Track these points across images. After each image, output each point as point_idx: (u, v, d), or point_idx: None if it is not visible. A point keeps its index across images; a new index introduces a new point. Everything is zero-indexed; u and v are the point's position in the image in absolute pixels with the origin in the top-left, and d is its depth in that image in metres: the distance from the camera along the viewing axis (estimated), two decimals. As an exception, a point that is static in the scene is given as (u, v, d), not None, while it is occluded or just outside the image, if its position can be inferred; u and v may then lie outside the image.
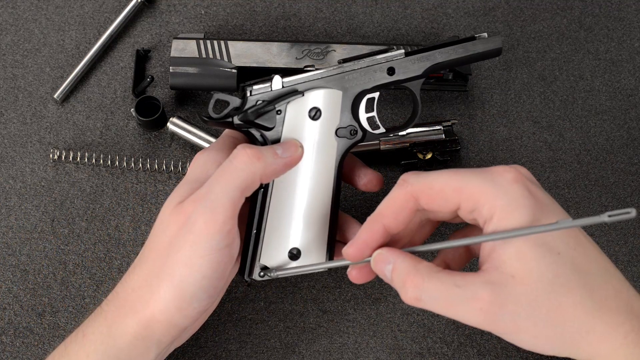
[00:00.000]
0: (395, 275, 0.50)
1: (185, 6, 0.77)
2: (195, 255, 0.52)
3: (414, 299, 0.48)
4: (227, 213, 0.52)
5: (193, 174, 0.57)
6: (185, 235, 0.52)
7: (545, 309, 0.47)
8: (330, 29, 0.77)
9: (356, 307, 0.67)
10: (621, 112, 0.75)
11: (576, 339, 0.48)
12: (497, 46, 0.60)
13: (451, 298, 0.47)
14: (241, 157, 0.53)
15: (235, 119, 0.56)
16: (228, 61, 0.70)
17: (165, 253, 0.53)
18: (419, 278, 0.48)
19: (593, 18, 0.78)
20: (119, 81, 0.74)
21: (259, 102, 0.56)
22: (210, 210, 0.52)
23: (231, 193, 0.52)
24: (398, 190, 0.51)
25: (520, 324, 0.47)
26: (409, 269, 0.49)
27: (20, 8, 0.77)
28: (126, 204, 0.70)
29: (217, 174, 0.54)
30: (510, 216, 0.47)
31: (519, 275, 0.47)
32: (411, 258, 0.50)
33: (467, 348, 0.66)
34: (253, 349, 0.66)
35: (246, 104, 0.56)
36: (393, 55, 0.58)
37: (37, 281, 0.68)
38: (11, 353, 0.65)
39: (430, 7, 0.78)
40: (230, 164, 0.54)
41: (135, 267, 0.56)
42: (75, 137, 0.72)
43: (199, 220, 0.52)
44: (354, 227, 0.61)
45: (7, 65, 0.75)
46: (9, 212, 0.70)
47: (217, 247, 0.52)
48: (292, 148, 0.56)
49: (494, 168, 0.50)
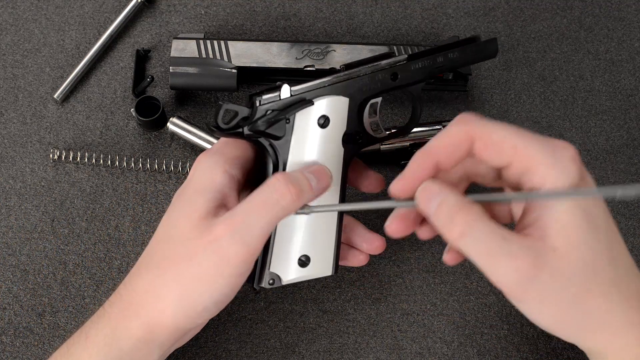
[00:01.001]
0: (443, 208, 0.48)
1: (185, 6, 0.77)
2: (218, 276, 0.52)
3: (460, 233, 0.47)
4: (259, 245, 0.52)
5: (200, 181, 0.56)
6: (210, 255, 0.52)
7: (574, 290, 0.47)
8: (330, 29, 0.77)
9: (356, 307, 0.67)
10: (621, 112, 0.75)
11: (593, 328, 0.48)
12: (493, 48, 0.60)
13: (494, 247, 0.47)
14: (284, 193, 0.52)
15: (245, 129, 0.55)
16: (228, 61, 0.70)
17: (179, 263, 0.53)
18: (471, 215, 0.47)
19: (593, 18, 0.78)
20: (119, 81, 0.74)
21: (268, 112, 0.55)
22: (244, 242, 0.51)
23: (267, 227, 0.52)
24: (457, 127, 0.50)
25: (546, 297, 0.47)
26: (461, 204, 0.48)
27: (20, 8, 0.77)
28: (126, 204, 0.70)
29: (255, 204, 0.52)
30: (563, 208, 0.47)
31: (560, 250, 0.46)
32: (463, 195, 0.49)
33: (467, 348, 0.66)
34: (253, 349, 0.66)
35: (256, 114, 0.55)
36: (396, 60, 0.58)
37: (37, 281, 0.68)
38: (11, 353, 0.65)
39: (430, 7, 0.78)
40: (270, 196, 0.52)
41: (140, 269, 0.55)
42: (75, 137, 0.72)
43: (230, 248, 0.51)
44: (357, 228, 0.61)
45: (7, 65, 0.75)
46: (9, 212, 0.70)
47: (241, 273, 0.52)
48: (325, 179, 0.55)
49: (555, 140, 0.49)
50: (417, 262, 0.69)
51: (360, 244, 0.62)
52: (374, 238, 0.62)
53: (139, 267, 0.56)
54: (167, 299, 0.52)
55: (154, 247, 0.55)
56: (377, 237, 0.62)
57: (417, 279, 0.68)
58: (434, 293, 0.68)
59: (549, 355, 0.66)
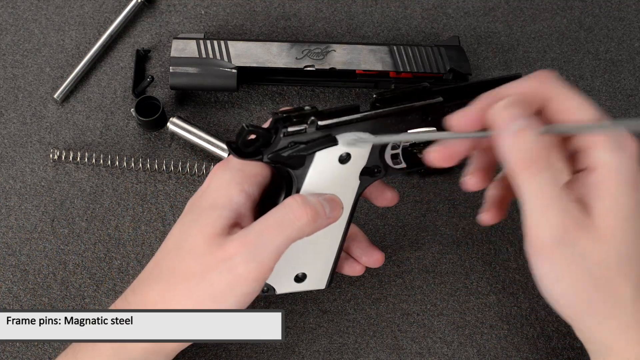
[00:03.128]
0: (526, 136, 0.46)
1: (185, 6, 0.77)
2: (230, 294, 0.51)
3: (537, 168, 0.46)
4: (271, 265, 0.52)
5: (216, 196, 0.54)
6: (223, 273, 0.51)
7: (599, 274, 0.47)
8: (330, 29, 0.77)
9: (356, 307, 0.67)
10: (621, 112, 0.75)
11: (606, 316, 0.48)
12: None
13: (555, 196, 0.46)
14: (301, 215, 0.51)
15: (265, 157, 0.53)
16: (228, 61, 0.70)
17: (190, 279, 0.52)
18: (551, 154, 0.47)
19: (593, 18, 0.78)
20: (119, 81, 0.74)
21: (291, 144, 0.53)
22: (257, 261, 0.51)
23: (281, 247, 0.51)
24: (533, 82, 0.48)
25: (573, 266, 0.46)
26: (546, 140, 0.46)
27: (20, 8, 0.77)
28: (126, 204, 0.70)
29: (270, 223, 0.52)
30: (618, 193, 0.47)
31: (602, 230, 0.46)
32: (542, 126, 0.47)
33: (467, 348, 0.66)
34: (253, 349, 0.66)
35: (278, 144, 0.52)
36: (430, 103, 0.55)
37: (37, 281, 0.68)
38: (11, 353, 0.65)
39: (430, 7, 0.78)
40: (286, 217, 0.52)
41: (151, 280, 0.55)
42: (75, 137, 0.72)
43: (243, 267, 0.51)
44: (358, 240, 0.61)
45: (7, 65, 0.75)
46: (9, 212, 0.70)
47: (253, 291, 0.52)
48: (337, 210, 0.54)
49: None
50: (417, 262, 0.69)
51: (359, 256, 0.62)
52: (374, 252, 0.61)
53: (150, 277, 0.55)
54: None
55: (164, 257, 0.55)
56: (378, 251, 0.62)
57: (417, 279, 0.68)
58: (434, 293, 0.68)
59: (549, 355, 0.66)
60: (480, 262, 0.69)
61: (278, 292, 0.58)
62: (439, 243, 0.69)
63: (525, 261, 0.68)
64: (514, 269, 0.69)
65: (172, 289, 0.52)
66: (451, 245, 0.69)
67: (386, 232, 0.70)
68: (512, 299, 0.68)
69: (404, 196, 0.71)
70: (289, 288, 0.58)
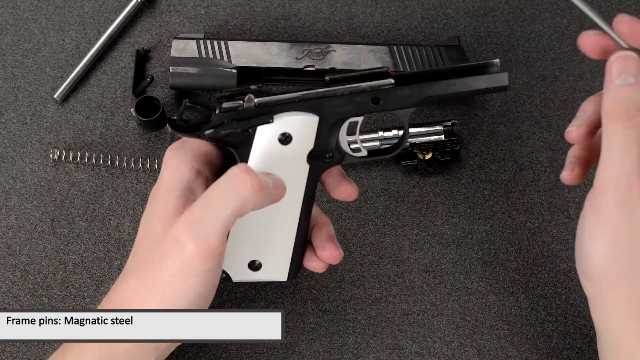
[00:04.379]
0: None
1: (185, 6, 0.77)
2: (187, 276, 0.51)
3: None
4: (220, 239, 0.50)
5: (169, 179, 0.54)
6: (174, 256, 0.50)
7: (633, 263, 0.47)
8: (330, 29, 0.77)
9: (356, 307, 0.67)
10: (621, 112, 0.75)
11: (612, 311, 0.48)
12: (501, 84, 0.55)
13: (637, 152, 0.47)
14: (244, 183, 0.50)
15: (202, 133, 0.53)
16: (228, 61, 0.70)
17: (154, 267, 0.52)
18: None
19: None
20: (119, 81, 0.74)
21: (226, 121, 0.53)
22: (203, 237, 0.50)
23: (226, 219, 0.50)
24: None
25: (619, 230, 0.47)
26: None
27: (20, 8, 0.77)
28: (126, 204, 0.70)
29: (214, 194, 0.51)
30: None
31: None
32: None
33: (467, 348, 0.66)
34: (253, 349, 0.66)
35: (213, 120, 0.52)
36: (379, 84, 0.54)
37: (37, 281, 0.68)
38: (11, 353, 0.65)
39: (430, 7, 0.78)
40: (229, 186, 0.50)
41: (127, 274, 0.55)
42: (75, 137, 0.72)
43: (191, 246, 0.50)
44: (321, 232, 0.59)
45: (7, 65, 0.75)
46: (9, 212, 0.70)
47: (208, 269, 0.51)
48: (280, 190, 0.53)
49: None
50: (417, 262, 0.69)
51: (317, 249, 0.59)
52: (329, 246, 0.58)
53: (126, 272, 0.55)
54: (151, 304, 0.52)
55: (135, 250, 0.55)
56: (334, 247, 0.58)
57: (417, 279, 0.68)
58: (434, 293, 0.68)
59: (549, 355, 0.66)
60: (480, 262, 0.69)
61: (234, 279, 0.56)
62: (439, 243, 0.69)
63: (526, 261, 0.69)
64: (514, 269, 0.69)
65: (144, 281, 0.53)
66: (451, 245, 0.69)
67: (386, 232, 0.70)
68: (512, 299, 0.68)
69: (404, 196, 0.71)
70: (245, 276, 0.57)
